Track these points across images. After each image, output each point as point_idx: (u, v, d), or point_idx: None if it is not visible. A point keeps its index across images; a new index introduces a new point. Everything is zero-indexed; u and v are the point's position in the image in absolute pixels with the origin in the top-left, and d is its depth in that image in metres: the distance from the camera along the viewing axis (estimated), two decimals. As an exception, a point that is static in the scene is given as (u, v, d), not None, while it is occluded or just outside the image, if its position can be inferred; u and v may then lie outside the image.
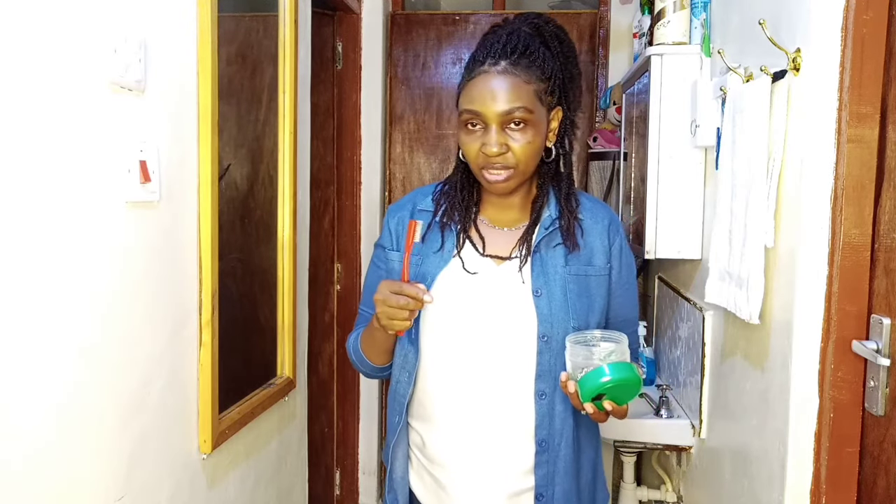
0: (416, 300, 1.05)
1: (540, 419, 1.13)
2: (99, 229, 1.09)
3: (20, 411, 0.95)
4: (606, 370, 1.00)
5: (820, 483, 1.17)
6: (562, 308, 1.12)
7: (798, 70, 1.21)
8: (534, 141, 1.09)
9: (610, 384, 1.00)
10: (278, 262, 1.84)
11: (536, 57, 1.11)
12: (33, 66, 0.95)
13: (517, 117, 1.07)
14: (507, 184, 1.11)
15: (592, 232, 1.17)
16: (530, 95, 1.08)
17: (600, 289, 1.17)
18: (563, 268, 1.14)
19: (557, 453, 1.15)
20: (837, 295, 1.14)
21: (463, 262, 1.16)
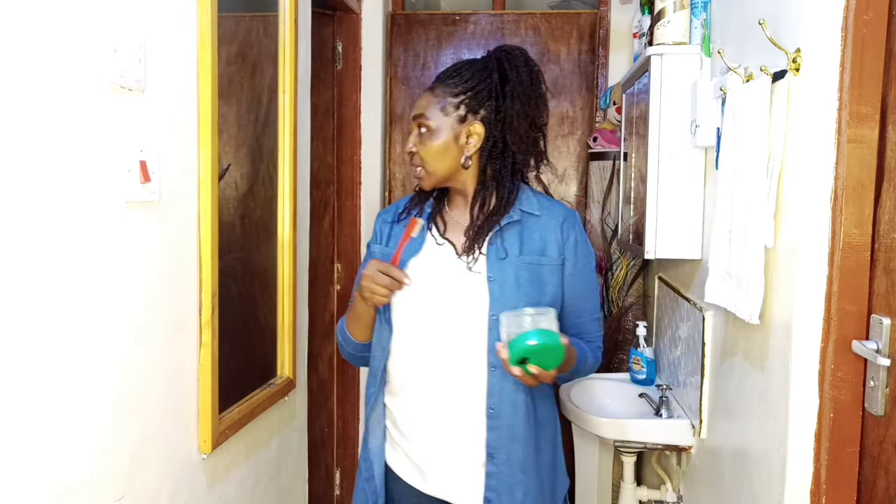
0: (398, 282, 1.24)
1: (491, 388, 1.28)
2: (99, 229, 1.09)
3: (20, 411, 0.95)
4: (531, 335, 1.14)
5: (820, 483, 1.17)
6: (513, 292, 1.27)
7: (798, 70, 1.21)
8: (433, 146, 1.31)
9: (534, 348, 1.14)
10: (278, 262, 1.84)
11: (461, 79, 1.31)
12: (34, 67, 0.95)
13: (420, 122, 1.32)
14: (423, 182, 1.34)
15: (547, 227, 1.33)
16: (433, 107, 1.31)
17: (552, 277, 1.31)
18: (517, 257, 1.30)
19: (511, 422, 1.29)
20: (837, 295, 1.14)
21: (435, 239, 1.35)
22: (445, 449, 1.31)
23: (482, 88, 1.30)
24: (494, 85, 1.30)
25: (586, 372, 1.40)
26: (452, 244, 1.34)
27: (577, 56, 2.91)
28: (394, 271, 1.25)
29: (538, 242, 1.32)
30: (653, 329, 2.37)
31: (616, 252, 2.76)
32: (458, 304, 1.29)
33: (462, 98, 1.31)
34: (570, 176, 2.96)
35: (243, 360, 1.72)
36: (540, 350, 1.14)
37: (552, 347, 1.15)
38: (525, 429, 1.30)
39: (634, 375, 2.25)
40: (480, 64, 1.33)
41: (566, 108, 2.94)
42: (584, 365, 1.36)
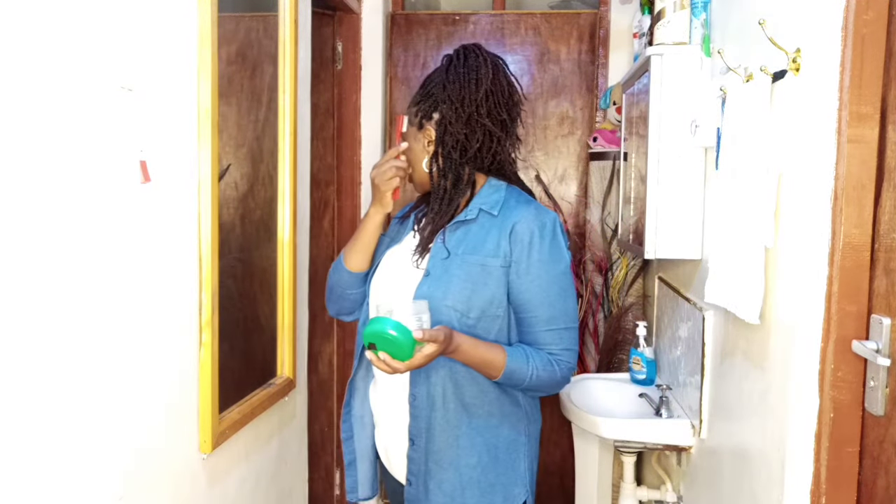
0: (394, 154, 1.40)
1: (413, 377, 1.33)
2: (98, 229, 1.09)
3: (20, 411, 0.95)
4: (376, 321, 1.16)
5: (820, 483, 1.17)
6: (443, 289, 1.30)
7: (798, 70, 1.21)
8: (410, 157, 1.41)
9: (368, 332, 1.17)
10: (278, 262, 1.84)
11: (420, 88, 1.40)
12: (34, 67, 0.95)
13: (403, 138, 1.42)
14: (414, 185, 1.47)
15: (498, 228, 1.33)
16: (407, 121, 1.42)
17: (492, 279, 1.31)
18: (458, 256, 1.33)
19: (428, 413, 1.33)
20: (837, 295, 1.14)
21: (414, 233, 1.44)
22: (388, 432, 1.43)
23: (432, 93, 1.36)
24: (439, 86, 1.35)
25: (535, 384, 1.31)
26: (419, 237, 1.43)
27: (577, 56, 2.91)
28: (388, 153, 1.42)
29: (488, 243, 1.32)
30: (653, 329, 2.37)
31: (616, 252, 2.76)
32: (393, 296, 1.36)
33: (419, 106, 1.38)
34: (570, 176, 2.96)
35: (243, 360, 1.72)
36: (379, 338, 1.16)
37: (394, 340, 1.15)
38: (443, 422, 1.32)
39: (634, 375, 2.25)
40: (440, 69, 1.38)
41: (566, 108, 2.94)
42: (520, 374, 1.29)
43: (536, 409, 1.45)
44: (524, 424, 1.40)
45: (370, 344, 1.18)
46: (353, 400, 1.49)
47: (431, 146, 1.37)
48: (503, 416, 1.36)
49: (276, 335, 1.86)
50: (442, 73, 1.37)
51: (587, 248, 2.86)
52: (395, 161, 1.40)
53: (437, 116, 1.35)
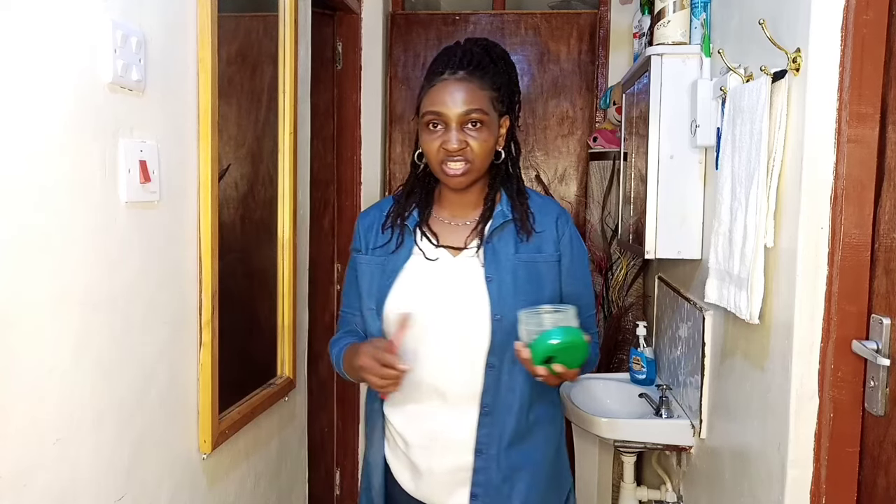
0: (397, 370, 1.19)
1: (486, 387, 1.27)
2: (99, 229, 1.09)
3: (20, 411, 0.95)
4: (554, 333, 1.12)
5: (820, 483, 1.17)
6: (511, 291, 1.25)
7: (798, 70, 1.21)
8: (488, 140, 1.26)
9: (558, 346, 1.12)
10: (278, 262, 1.84)
11: (488, 70, 1.28)
12: (34, 67, 0.95)
13: (474, 118, 1.24)
14: (464, 178, 1.27)
15: (542, 224, 1.32)
16: (485, 100, 1.26)
17: (549, 274, 1.30)
18: (513, 255, 1.28)
19: (504, 419, 1.28)
20: (837, 295, 1.14)
21: (424, 253, 1.31)
22: (439, 447, 1.30)
23: (505, 82, 1.30)
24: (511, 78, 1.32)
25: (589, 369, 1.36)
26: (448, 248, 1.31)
27: (577, 56, 2.91)
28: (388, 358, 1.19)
29: (534, 239, 1.31)
30: (653, 329, 2.37)
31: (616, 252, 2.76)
32: (457, 309, 1.27)
33: (502, 92, 1.29)
34: (570, 176, 2.96)
35: (243, 360, 1.72)
36: (564, 348, 1.12)
37: (576, 345, 1.13)
38: (516, 427, 1.29)
39: (634, 375, 2.25)
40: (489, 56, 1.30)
41: (566, 108, 2.94)
42: (591, 363, 1.34)
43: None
44: (561, 411, 1.44)
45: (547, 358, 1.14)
46: (373, 477, 1.38)
47: (503, 137, 1.31)
48: (554, 405, 1.39)
49: (276, 335, 1.86)
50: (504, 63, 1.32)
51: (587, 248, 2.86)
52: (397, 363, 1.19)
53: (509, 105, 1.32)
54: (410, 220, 1.34)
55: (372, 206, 1.44)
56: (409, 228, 1.33)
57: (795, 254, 1.21)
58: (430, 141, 1.26)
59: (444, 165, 1.26)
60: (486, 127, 1.25)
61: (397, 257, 1.32)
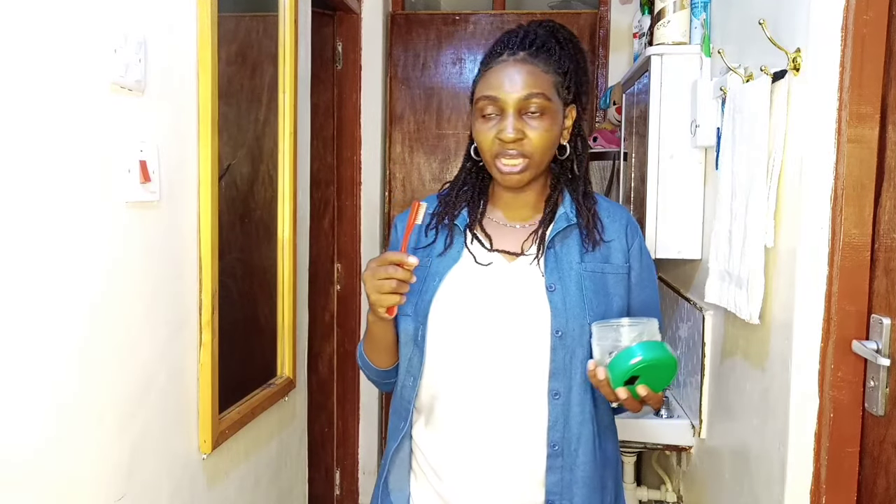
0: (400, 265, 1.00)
1: (553, 421, 1.07)
2: (99, 229, 1.09)
3: (20, 411, 0.95)
4: (637, 350, 0.95)
5: (820, 483, 1.17)
6: (577, 304, 1.07)
7: (798, 70, 1.21)
8: (550, 131, 1.08)
9: (642, 364, 0.94)
10: (278, 262, 1.84)
11: (553, 52, 1.11)
12: (34, 67, 0.95)
13: (534, 103, 1.07)
14: (521, 175, 1.09)
15: (611, 231, 1.15)
16: (548, 84, 1.08)
17: (618, 287, 1.13)
18: (578, 264, 1.10)
19: (574, 460, 1.09)
20: (837, 295, 1.14)
21: (474, 257, 1.12)
22: (494, 492, 1.09)
23: (573, 68, 1.13)
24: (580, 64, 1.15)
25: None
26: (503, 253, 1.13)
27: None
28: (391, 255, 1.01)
29: (602, 247, 1.13)
30: (653, 329, 2.36)
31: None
32: (511, 320, 1.08)
33: (569, 77, 1.12)
34: (570, 176, 2.96)
35: (243, 360, 1.72)
36: (651, 366, 0.95)
37: (665, 363, 0.95)
38: (592, 468, 1.10)
39: (634, 375, 2.25)
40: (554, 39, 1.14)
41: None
42: None
43: None
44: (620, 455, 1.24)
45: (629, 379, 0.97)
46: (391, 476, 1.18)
47: (568, 129, 1.14)
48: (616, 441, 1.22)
49: (276, 335, 1.86)
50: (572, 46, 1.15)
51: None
52: (399, 272, 1.00)
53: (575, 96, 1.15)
54: (460, 220, 1.16)
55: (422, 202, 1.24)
56: (460, 229, 1.15)
57: (795, 254, 1.21)
58: (484, 131, 1.09)
59: (499, 161, 1.08)
60: (549, 115, 1.07)
61: (444, 260, 1.13)
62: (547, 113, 1.07)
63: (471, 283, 1.11)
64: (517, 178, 1.09)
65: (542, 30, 1.14)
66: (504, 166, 1.09)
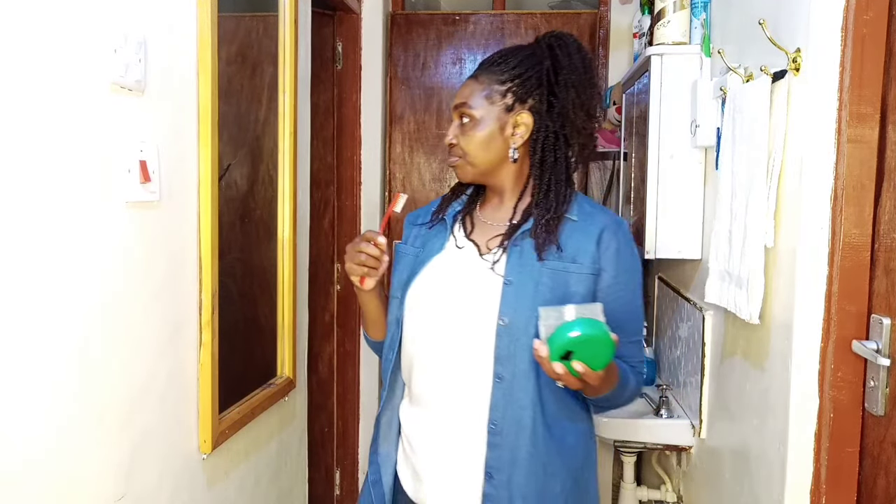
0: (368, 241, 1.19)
1: (494, 402, 1.17)
2: (99, 229, 1.09)
3: (20, 411, 0.95)
4: (575, 325, 1.00)
5: (820, 483, 1.17)
6: (530, 297, 1.16)
7: (798, 70, 1.21)
8: (476, 136, 1.21)
9: (580, 338, 0.99)
10: (278, 262, 1.84)
11: (507, 66, 1.22)
12: (33, 67, 0.95)
13: (461, 112, 1.22)
14: (463, 172, 1.25)
15: (583, 233, 1.21)
16: (477, 95, 1.22)
17: (579, 286, 1.18)
18: (538, 262, 1.18)
19: (514, 441, 1.17)
20: (837, 295, 1.14)
21: (455, 241, 1.26)
22: (444, 464, 1.21)
23: (531, 76, 1.21)
24: (545, 72, 1.21)
25: (627, 398, 1.23)
26: (476, 244, 1.24)
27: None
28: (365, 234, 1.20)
29: (570, 248, 1.19)
30: (653, 329, 2.37)
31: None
32: (466, 307, 1.20)
33: (509, 86, 1.21)
34: (570, 176, 2.96)
35: (243, 360, 1.72)
36: (585, 341, 0.99)
37: (600, 339, 1.00)
38: (532, 451, 1.17)
39: (634, 375, 2.25)
40: (529, 50, 1.23)
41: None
42: (625, 387, 1.20)
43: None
44: (593, 439, 1.30)
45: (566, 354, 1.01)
46: (380, 440, 1.32)
47: (521, 132, 1.21)
48: (579, 434, 1.25)
49: (276, 335, 1.86)
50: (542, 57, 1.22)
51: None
52: (370, 248, 1.19)
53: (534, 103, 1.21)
54: (450, 213, 1.30)
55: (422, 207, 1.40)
56: (447, 222, 1.29)
57: (795, 254, 1.21)
58: None
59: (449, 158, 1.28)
60: (477, 123, 1.21)
61: (431, 247, 1.27)
62: (472, 120, 1.21)
63: (444, 271, 1.24)
64: (459, 173, 1.26)
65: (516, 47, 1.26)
66: (450, 161, 1.27)
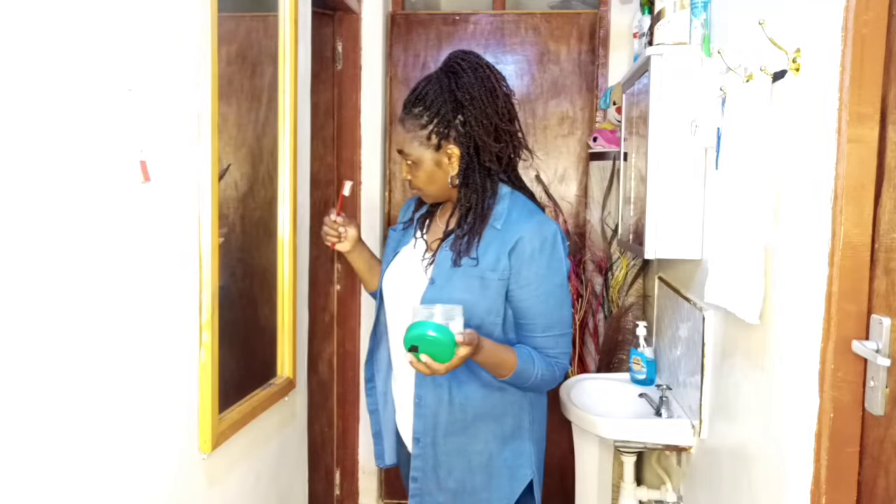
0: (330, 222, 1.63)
1: (418, 379, 1.43)
2: (98, 229, 1.09)
3: (20, 411, 0.95)
4: (425, 325, 1.21)
5: (820, 483, 1.17)
6: (444, 293, 1.38)
7: (798, 70, 1.21)
8: (421, 174, 1.42)
9: (418, 336, 1.21)
10: (278, 262, 1.84)
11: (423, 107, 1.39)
12: (33, 67, 0.95)
13: (405, 156, 1.43)
14: (424, 198, 1.51)
15: (500, 242, 1.38)
16: (409, 142, 1.41)
17: (490, 289, 1.38)
18: (456, 267, 1.39)
19: (434, 410, 1.42)
20: (837, 295, 1.14)
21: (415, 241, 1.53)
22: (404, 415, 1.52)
23: (444, 111, 1.37)
24: (452, 101, 1.36)
25: (538, 383, 1.40)
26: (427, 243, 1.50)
27: (577, 56, 2.91)
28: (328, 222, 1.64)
29: (489, 256, 1.38)
30: (653, 329, 2.37)
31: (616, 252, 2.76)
32: (402, 299, 1.45)
33: (430, 129, 1.38)
34: (570, 176, 2.96)
35: (243, 360, 1.72)
36: (425, 341, 1.21)
37: (439, 342, 1.21)
38: (449, 417, 1.41)
39: (634, 375, 2.25)
40: (435, 83, 1.39)
41: (566, 108, 2.94)
42: (527, 373, 1.37)
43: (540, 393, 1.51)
44: (527, 411, 1.47)
45: (412, 347, 1.23)
46: (376, 376, 1.61)
47: (455, 163, 1.40)
48: (505, 405, 1.44)
49: (276, 335, 1.86)
50: (448, 88, 1.37)
51: (587, 248, 2.86)
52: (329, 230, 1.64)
53: (456, 133, 1.38)
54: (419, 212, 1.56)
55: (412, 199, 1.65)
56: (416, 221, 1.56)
57: (795, 254, 1.21)
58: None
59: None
60: (417, 164, 1.41)
61: (405, 239, 1.55)
62: (416, 163, 1.42)
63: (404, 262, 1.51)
64: (423, 198, 1.51)
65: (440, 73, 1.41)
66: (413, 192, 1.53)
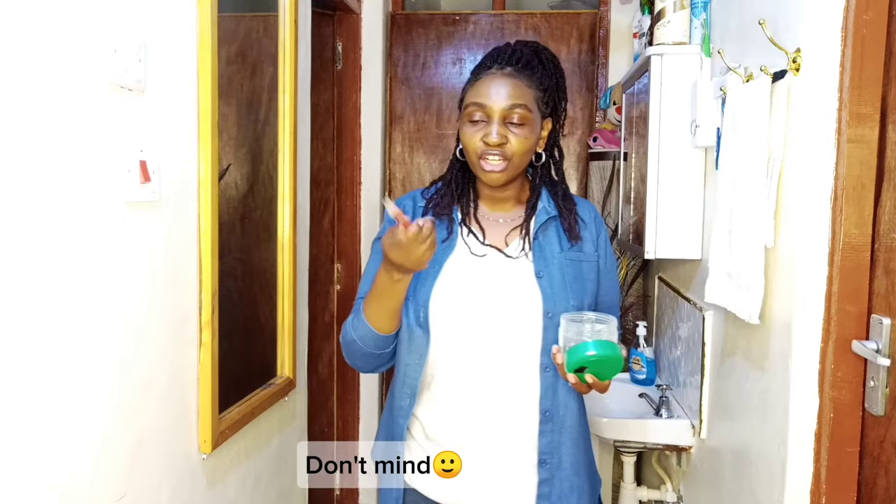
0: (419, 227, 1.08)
1: (544, 390, 1.22)
2: (99, 229, 1.09)
3: (20, 411, 0.95)
4: (591, 345, 1.11)
5: (820, 483, 1.17)
6: (561, 287, 1.23)
7: (798, 70, 1.21)
8: (529, 138, 1.22)
9: (593, 358, 1.10)
10: (278, 262, 1.84)
11: (536, 70, 1.26)
12: (34, 67, 0.95)
13: (517, 113, 1.20)
14: (501, 175, 1.22)
15: (585, 224, 1.31)
16: (530, 98, 1.23)
17: (591, 273, 1.29)
18: (559, 254, 1.26)
19: (563, 424, 1.25)
20: (837, 295, 1.14)
21: (469, 248, 1.26)
22: (491, 456, 1.24)
23: (552, 85, 1.27)
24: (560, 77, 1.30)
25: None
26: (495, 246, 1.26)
27: (577, 56, 2.91)
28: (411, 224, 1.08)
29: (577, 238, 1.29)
30: (653, 329, 2.37)
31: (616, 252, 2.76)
32: (507, 303, 1.22)
33: (548, 94, 1.26)
34: (570, 176, 2.96)
35: (243, 360, 1.72)
36: (598, 361, 1.11)
37: (611, 359, 1.12)
38: (578, 431, 1.27)
39: (634, 375, 2.25)
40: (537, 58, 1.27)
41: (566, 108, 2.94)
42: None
43: None
44: None
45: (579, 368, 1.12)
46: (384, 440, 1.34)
47: (544, 137, 1.28)
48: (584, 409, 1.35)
49: (276, 335, 1.86)
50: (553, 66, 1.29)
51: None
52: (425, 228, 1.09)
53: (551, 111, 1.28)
54: (455, 212, 1.29)
55: (404, 197, 1.36)
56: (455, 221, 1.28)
57: (795, 254, 1.21)
58: (471, 134, 1.21)
59: (483, 160, 1.21)
60: (528, 125, 1.21)
61: (442, 250, 1.24)
62: (527, 123, 1.21)
63: (468, 271, 1.25)
64: (497, 176, 1.22)
65: (528, 49, 1.29)
66: (487, 165, 1.21)
